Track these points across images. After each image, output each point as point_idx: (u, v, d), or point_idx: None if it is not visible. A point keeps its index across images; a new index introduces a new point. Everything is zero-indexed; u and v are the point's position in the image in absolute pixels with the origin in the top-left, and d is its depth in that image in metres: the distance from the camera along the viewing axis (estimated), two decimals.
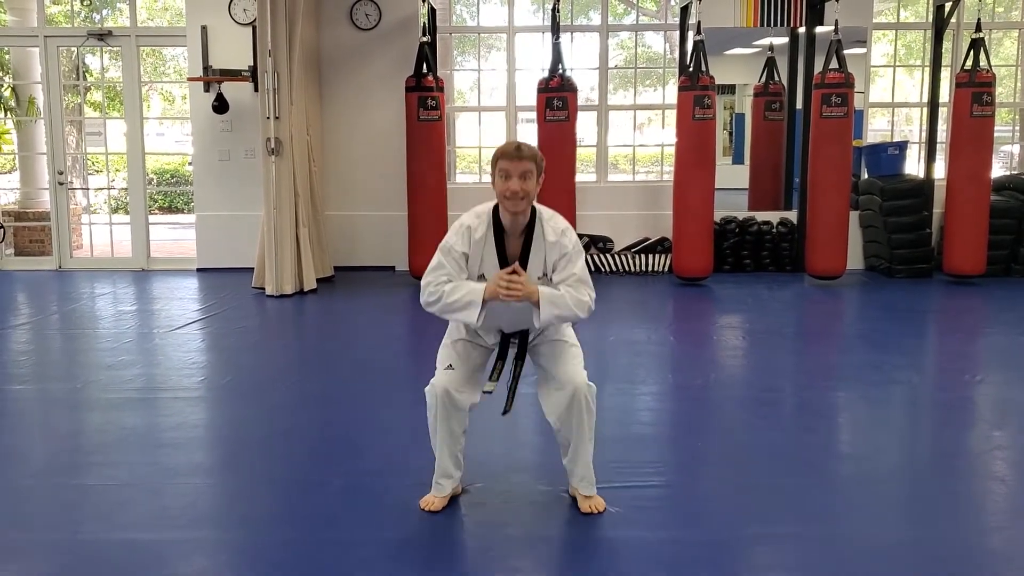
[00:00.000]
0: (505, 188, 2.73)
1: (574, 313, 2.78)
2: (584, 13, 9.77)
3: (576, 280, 2.79)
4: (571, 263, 2.80)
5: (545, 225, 2.81)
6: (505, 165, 2.73)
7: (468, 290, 2.76)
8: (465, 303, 2.75)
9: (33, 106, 8.82)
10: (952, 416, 4.15)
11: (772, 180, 8.48)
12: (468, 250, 2.80)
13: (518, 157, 2.72)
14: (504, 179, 2.73)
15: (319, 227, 7.53)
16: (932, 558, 2.69)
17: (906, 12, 9.00)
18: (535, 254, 2.81)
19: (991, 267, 7.46)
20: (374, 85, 8.00)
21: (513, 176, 2.72)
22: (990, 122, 7.28)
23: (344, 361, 5.21)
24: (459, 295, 2.75)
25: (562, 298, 2.76)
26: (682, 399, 4.40)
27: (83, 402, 4.32)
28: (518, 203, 2.74)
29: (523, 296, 2.72)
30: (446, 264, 2.80)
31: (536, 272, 2.81)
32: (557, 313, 2.76)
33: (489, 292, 2.73)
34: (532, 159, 2.74)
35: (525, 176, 2.72)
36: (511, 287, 2.70)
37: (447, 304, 2.77)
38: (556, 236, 2.80)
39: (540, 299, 2.74)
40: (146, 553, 2.70)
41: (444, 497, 2.97)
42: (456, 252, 2.79)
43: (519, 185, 2.71)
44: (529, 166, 2.73)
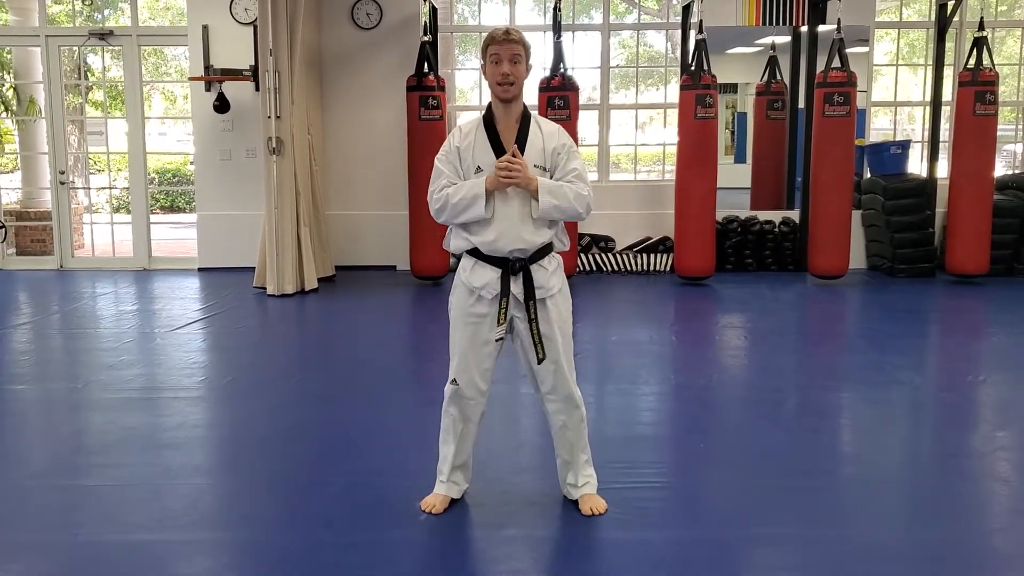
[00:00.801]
0: (496, 72, 2.74)
1: (572, 206, 2.76)
2: (586, 12, 9.75)
3: (576, 176, 2.79)
4: (571, 158, 2.80)
5: (539, 120, 2.85)
6: (496, 49, 2.74)
7: (470, 185, 2.75)
8: (471, 198, 2.73)
9: (34, 105, 8.82)
10: (955, 417, 4.14)
11: (774, 179, 8.47)
12: (460, 143, 2.80)
13: (507, 40, 2.73)
14: (495, 64, 2.74)
15: (320, 226, 7.52)
16: (935, 559, 2.68)
17: (908, 11, 8.99)
18: (532, 140, 2.79)
19: (994, 267, 7.45)
20: (375, 84, 8.00)
21: (504, 59, 2.73)
22: (993, 121, 7.26)
23: (345, 361, 5.21)
24: (463, 192, 2.74)
25: (561, 188, 2.75)
26: (684, 399, 4.39)
27: (84, 402, 4.32)
28: (509, 88, 2.75)
29: (522, 181, 2.70)
30: (444, 170, 2.80)
31: (535, 159, 2.78)
32: (556, 203, 2.73)
33: (490, 182, 2.72)
34: (521, 43, 2.75)
35: (515, 60, 2.74)
36: (511, 170, 2.69)
37: (454, 205, 2.75)
38: (554, 128, 2.83)
39: (539, 188, 2.72)
40: (147, 554, 2.69)
41: (445, 498, 2.96)
42: (451, 149, 2.81)
43: (510, 68, 2.73)
44: (518, 49, 2.74)
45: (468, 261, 2.86)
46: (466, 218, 2.77)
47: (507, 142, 2.78)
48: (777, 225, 8.05)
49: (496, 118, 2.81)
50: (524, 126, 2.80)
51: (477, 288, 2.81)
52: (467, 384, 2.86)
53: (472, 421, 2.93)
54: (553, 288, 2.83)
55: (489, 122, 2.80)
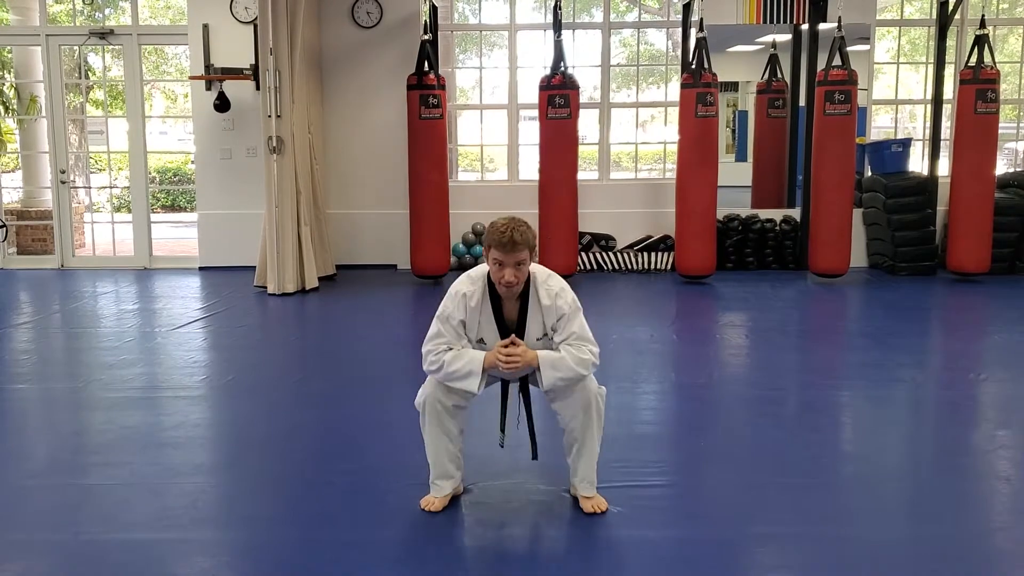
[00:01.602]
0: (500, 277, 2.73)
1: (576, 372, 2.77)
2: (586, 10, 9.74)
3: (576, 338, 2.79)
4: (569, 322, 2.79)
5: (540, 288, 2.81)
6: (499, 256, 2.71)
7: (468, 359, 2.77)
8: (465, 372, 2.76)
9: (35, 104, 8.82)
10: (956, 415, 4.13)
11: (775, 178, 8.46)
12: (465, 317, 2.81)
13: (512, 249, 2.69)
14: (498, 267, 2.72)
15: (321, 225, 7.52)
16: (936, 557, 2.67)
17: (910, 8, 8.98)
18: (532, 317, 2.81)
19: (995, 265, 7.44)
20: (376, 83, 7.99)
21: (507, 266, 2.71)
22: (994, 119, 7.25)
23: (346, 360, 5.20)
24: (459, 365, 2.77)
25: (562, 360, 2.76)
26: (685, 398, 4.39)
27: (85, 401, 4.32)
28: (512, 290, 2.76)
29: (522, 366, 2.76)
30: (445, 333, 2.81)
31: (536, 333, 2.82)
32: (559, 376, 2.76)
33: (488, 362, 2.76)
34: (525, 246, 2.71)
35: (519, 265, 2.71)
36: (509, 360, 2.73)
37: (448, 373, 2.78)
38: (551, 299, 2.80)
39: (540, 364, 2.75)
40: (147, 553, 2.69)
41: (445, 497, 2.96)
42: (454, 320, 2.81)
43: (513, 275, 2.72)
44: (523, 255, 2.71)
45: None
46: (456, 387, 2.81)
47: (509, 318, 2.83)
48: (778, 223, 8.05)
49: (500, 292, 2.81)
50: (525, 300, 2.81)
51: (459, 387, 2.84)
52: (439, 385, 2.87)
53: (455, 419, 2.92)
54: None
55: (494, 297, 2.82)
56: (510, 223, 2.72)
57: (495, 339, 2.83)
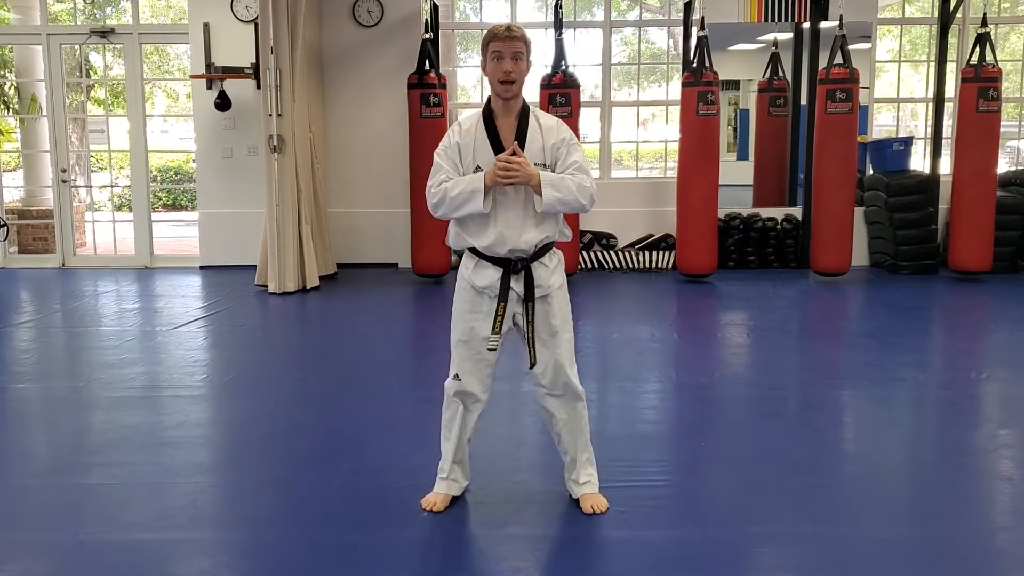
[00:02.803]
0: (498, 70, 2.71)
1: (576, 198, 2.72)
2: (587, 9, 9.74)
3: (578, 168, 2.76)
4: (571, 151, 2.78)
5: (539, 114, 2.82)
6: (497, 46, 2.71)
7: (469, 180, 2.73)
8: (469, 192, 2.70)
9: (35, 103, 8.82)
10: (958, 414, 4.13)
11: (776, 176, 8.45)
12: (460, 139, 2.78)
13: (509, 37, 2.70)
14: (497, 62, 2.71)
15: (322, 224, 7.52)
16: (938, 557, 2.67)
17: (911, 7, 8.97)
18: (531, 135, 2.77)
19: (997, 263, 7.43)
20: (376, 82, 7.99)
21: (506, 57, 2.71)
22: (996, 117, 7.23)
23: (346, 359, 5.20)
24: (461, 187, 2.72)
25: (563, 181, 2.72)
26: (686, 397, 4.38)
27: (85, 401, 4.32)
28: (510, 87, 2.73)
29: (523, 179, 2.68)
30: (444, 164, 2.78)
31: (535, 156, 2.76)
32: (559, 196, 2.71)
33: (489, 178, 2.69)
34: (523, 39, 2.73)
35: (517, 57, 2.71)
36: (510, 168, 2.67)
37: (452, 200, 2.72)
38: (553, 122, 2.80)
39: (541, 182, 2.70)
40: (147, 553, 2.69)
41: (446, 496, 2.95)
42: (450, 145, 2.78)
43: (512, 66, 2.71)
44: (520, 47, 2.72)
45: (470, 260, 2.85)
46: (464, 212, 2.74)
47: (507, 139, 2.76)
48: (779, 222, 8.03)
49: (496, 114, 2.79)
50: (523, 122, 2.77)
51: (480, 288, 2.80)
52: (468, 379, 2.86)
53: (472, 415, 2.92)
54: (554, 285, 2.84)
55: (489, 118, 2.79)
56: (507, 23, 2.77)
57: (491, 162, 2.74)
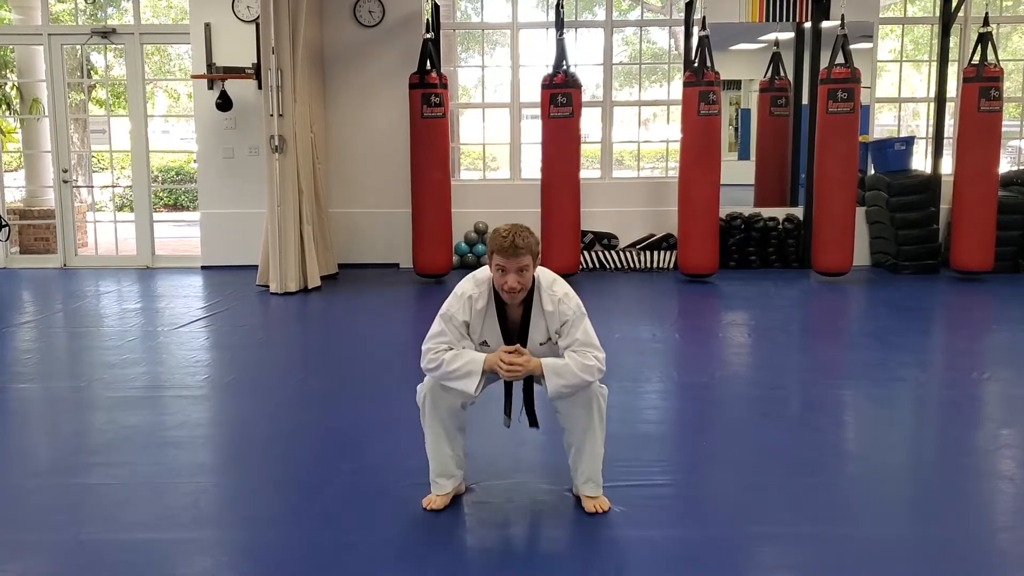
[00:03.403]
0: (502, 284, 2.71)
1: (581, 379, 2.74)
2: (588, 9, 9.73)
3: (580, 344, 2.76)
4: (573, 328, 2.77)
5: (543, 294, 2.79)
6: (501, 262, 2.69)
7: (468, 360, 2.74)
8: (464, 373, 2.73)
9: (38, 105, 8.82)
10: (959, 414, 4.12)
11: (778, 176, 8.44)
12: (469, 319, 2.79)
13: (514, 254, 2.67)
14: (501, 273, 2.70)
15: (323, 224, 7.52)
16: (939, 557, 2.67)
17: (913, 7, 8.96)
18: (535, 322, 2.80)
19: (998, 263, 7.42)
20: (378, 82, 7.99)
21: (510, 272, 2.69)
22: (998, 117, 7.23)
23: (348, 359, 5.20)
24: (458, 364, 2.74)
25: (567, 367, 2.73)
26: (687, 397, 4.38)
27: (86, 401, 4.32)
28: (515, 296, 2.74)
29: (524, 375, 2.73)
30: (447, 332, 2.79)
31: (539, 338, 2.80)
32: (563, 383, 2.74)
33: (489, 365, 2.73)
34: (528, 252, 2.69)
35: (522, 271, 2.69)
36: (512, 368, 2.70)
37: (446, 372, 2.75)
38: (554, 305, 2.77)
39: (544, 372, 2.72)
40: (148, 553, 2.69)
41: (447, 496, 2.95)
42: (457, 321, 2.79)
43: (516, 281, 2.69)
44: (526, 261, 2.69)
45: None
46: (453, 387, 2.78)
47: (513, 321, 2.81)
48: (781, 222, 8.03)
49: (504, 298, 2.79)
50: (529, 304, 2.79)
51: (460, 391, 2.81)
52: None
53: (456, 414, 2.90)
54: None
55: (499, 300, 2.80)
56: (512, 229, 2.70)
57: (498, 342, 2.81)
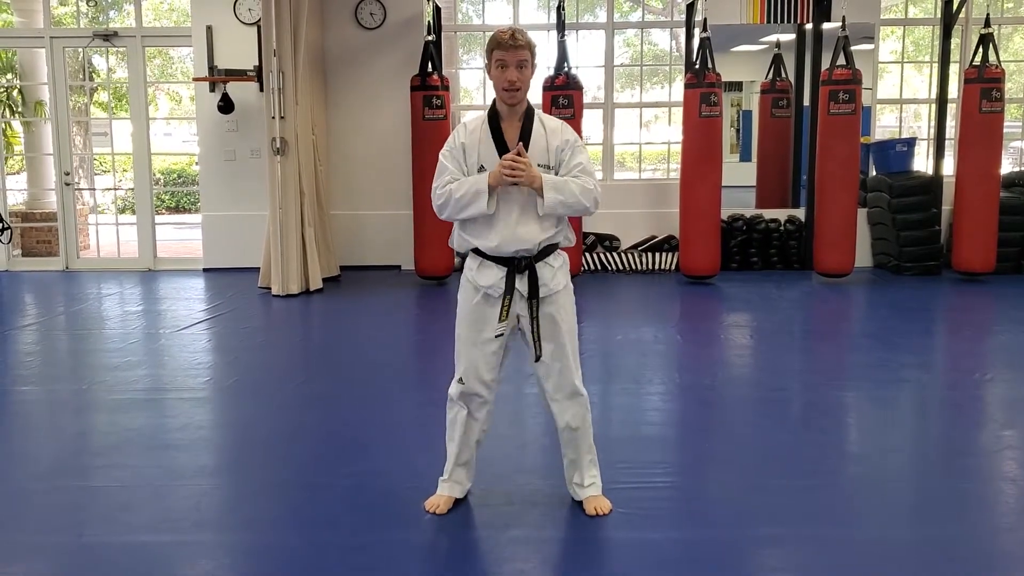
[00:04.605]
0: (502, 78, 2.71)
1: (578, 200, 2.73)
2: (590, 11, 9.73)
3: (581, 170, 2.77)
4: (576, 153, 2.78)
5: (543, 116, 2.83)
6: (501, 55, 2.71)
7: (473, 181, 2.73)
8: (473, 193, 2.71)
9: (42, 107, 8.83)
10: (961, 415, 4.12)
11: (779, 177, 8.44)
12: (466, 139, 2.78)
13: (514, 46, 2.69)
14: (501, 70, 2.71)
15: (325, 226, 7.52)
16: (942, 559, 2.66)
17: (914, 8, 8.95)
18: (535, 137, 2.78)
19: (1000, 264, 7.41)
20: (379, 84, 7.99)
21: (510, 65, 2.70)
22: (999, 118, 7.22)
23: (350, 361, 5.20)
24: (465, 188, 2.73)
25: (566, 184, 2.73)
26: (689, 399, 4.38)
27: (89, 403, 4.32)
28: (515, 94, 2.73)
29: (526, 180, 2.69)
30: (449, 166, 2.79)
31: (538, 157, 2.77)
32: (561, 199, 2.72)
33: (493, 178, 2.70)
34: (527, 47, 2.72)
35: (522, 65, 2.71)
36: (515, 168, 2.67)
37: (456, 200, 2.74)
38: (557, 124, 2.81)
39: (543, 184, 2.71)
40: (150, 556, 2.69)
41: (449, 499, 2.95)
42: (456, 148, 2.79)
43: (516, 75, 2.70)
44: (525, 55, 2.71)
45: (473, 260, 2.85)
46: (469, 214, 2.75)
47: (511, 140, 2.77)
48: (782, 223, 8.03)
49: (500, 116, 2.80)
50: (527, 124, 2.78)
51: (483, 287, 2.80)
52: (473, 381, 2.86)
53: (477, 419, 2.92)
54: (559, 285, 2.83)
55: (494, 119, 2.79)
56: (511, 27, 2.76)
57: (495, 163, 2.74)
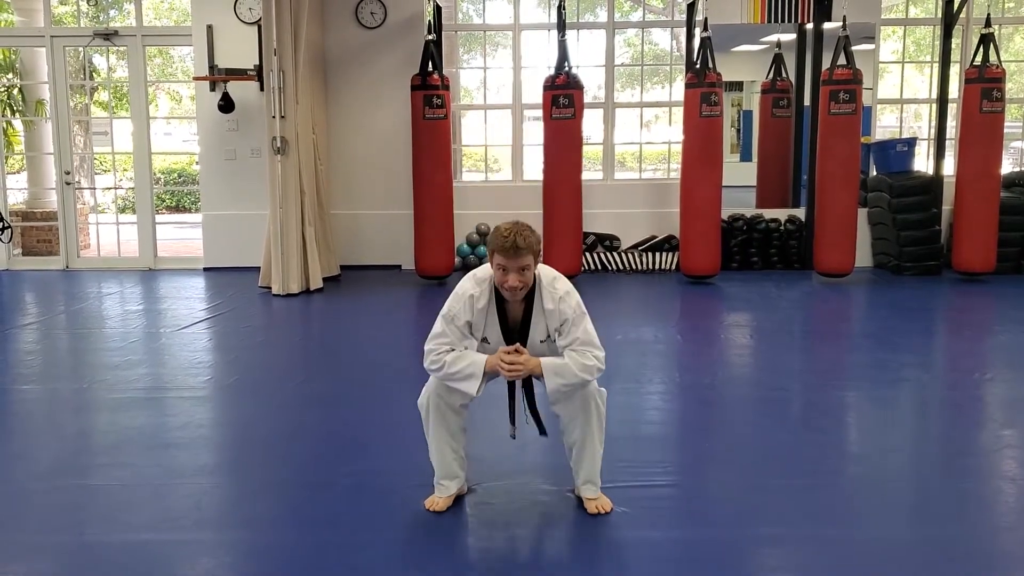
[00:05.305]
0: (503, 282, 2.72)
1: (580, 379, 2.75)
2: (590, 10, 9.73)
3: (580, 344, 2.76)
4: (574, 327, 2.76)
5: (544, 291, 2.79)
6: (502, 261, 2.69)
7: (469, 362, 2.75)
8: (466, 375, 2.75)
9: (43, 106, 8.83)
10: (961, 415, 4.12)
11: (780, 177, 8.44)
12: (471, 318, 2.80)
13: (515, 255, 2.66)
14: (502, 272, 2.70)
15: (325, 226, 7.52)
16: (942, 558, 2.67)
17: (915, 8, 8.95)
18: (536, 320, 2.80)
19: (1000, 264, 7.41)
20: (380, 84, 7.99)
21: (511, 271, 2.69)
22: (1000, 118, 7.23)
23: (350, 360, 5.20)
24: (461, 366, 2.75)
25: (566, 367, 2.74)
26: (689, 398, 4.38)
27: (89, 402, 4.32)
28: (516, 294, 2.75)
29: (525, 374, 2.74)
30: (448, 333, 2.80)
31: (540, 336, 2.81)
32: (563, 383, 2.75)
33: (490, 366, 2.75)
34: (529, 251, 2.68)
35: (523, 270, 2.69)
36: (513, 368, 2.71)
37: (448, 374, 2.77)
38: (554, 304, 2.77)
39: (544, 372, 2.73)
40: (151, 555, 2.69)
41: (449, 497, 2.96)
42: (460, 321, 2.80)
43: (517, 280, 2.70)
44: (527, 261, 2.69)
45: None
46: (455, 387, 2.80)
47: (513, 319, 2.82)
48: (783, 223, 8.03)
49: (505, 296, 2.80)
50: (530, 302, 2.79)
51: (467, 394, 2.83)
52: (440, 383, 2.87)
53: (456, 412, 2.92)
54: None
55: (499, 299, 2.81)
56: (514, 228, 2.69)
57: (499, 339, 2.82)
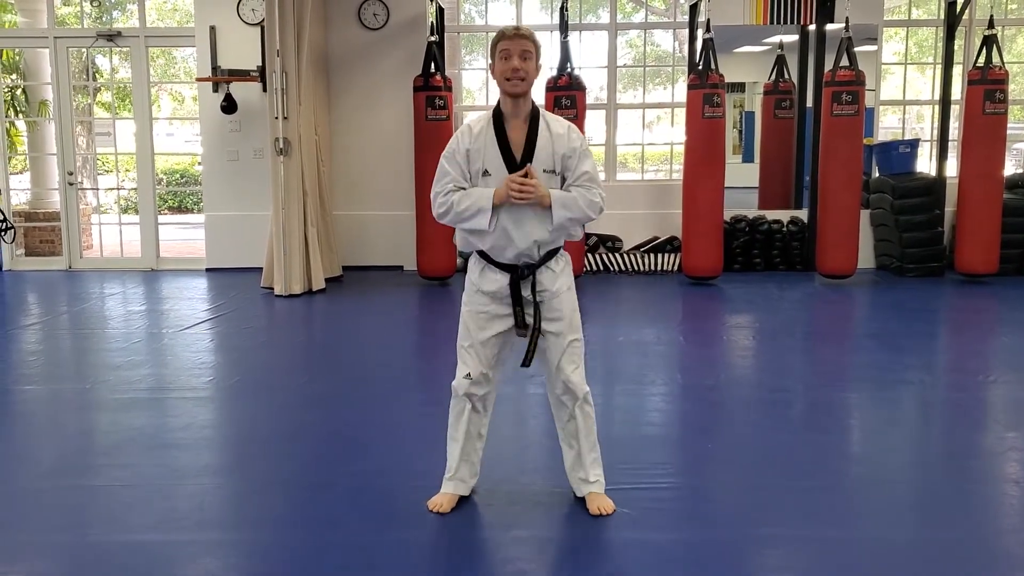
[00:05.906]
0: (506, 68, 2.71)
1: (585, 214, 2.76)
2: (593, 11, 9.74)
3: (588, 179, 2.77)
4: (583, 160, 2.78)
5: (550, 118, 2.81)
6: (506, 45, 2.72)
7: (477, 196, 2.73)
8: (476, 210, 2.72)
9: (46, 107, 8.85)
10: (964, 417, 4.11)
11: (782, 179, 8.44)
12: (470, 145, 2.77)
13: (518, 36, 2.72)
14: (505, 60, 2.72)
15: (327, 227, 7.53)
16: (944, 560, 2.66)
17: (918, 9, 8.94)
18: (542, 144, 2.76)
19: (1003, 266, 7.41)
20: (382, 85, 8.00)
21: (514, 55, 2.71)
22: (1003, 119, 7.22)
23: (352, 361, 5.21)
24: (469, 202, 2.73)
25: (574, 200, 2.75)
26: (691, 400, 4.37)
27: (92, 403, 4.33)
28: (518, 83, 2.72)
29: (535, 200, 2.70)
30: (450, 170, 2.78)
31: (544, 162, 2.76)
32: (569, 216, 2.75)
33: (499, 197, 2.71)
34: (531, 39, 2.74)
35: (525, 56, 2.72)
36: (523, 190, 2.68)
37: (458, 213, 2.75)
38: (564, 129, 2.79)
39: (552, 202, 2.72)
40: (153, 555, 2.69)
41: (452, 498, 2.95)
42: (459, 153, 2.77)
43: (519, 63, 2.70)
44: (528, 45, 2.73)
45: (477, 264, 2.86)
46: (468, 227, 2.77)
47: (516, 143, 2.75)
48: (785, 224, 8.02)
49: (505, 117, 2.78)
50: (533, 128, 2.76)
51: (487, 292, 2.81)
52: (477, 374, 2.86)
53: (479, 412, 2.93)
54: (561, 288, 2.84)
55: (498, 121, 2.78)
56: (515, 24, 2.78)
57: (500, 168, 2.75)
